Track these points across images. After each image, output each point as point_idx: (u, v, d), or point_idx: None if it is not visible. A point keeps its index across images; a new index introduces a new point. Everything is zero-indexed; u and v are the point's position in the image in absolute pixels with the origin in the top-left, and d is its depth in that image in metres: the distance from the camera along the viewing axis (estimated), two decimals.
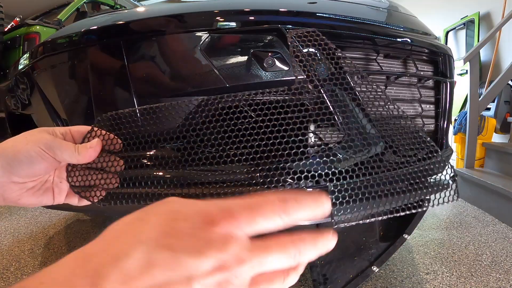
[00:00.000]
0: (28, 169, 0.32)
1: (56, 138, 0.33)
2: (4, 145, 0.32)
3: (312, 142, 0.44)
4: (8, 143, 0.32)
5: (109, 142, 0.35)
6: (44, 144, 0.32)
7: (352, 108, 0.36)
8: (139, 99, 0.70)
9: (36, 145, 0.32)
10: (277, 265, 0.21)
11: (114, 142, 0.36)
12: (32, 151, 0.32)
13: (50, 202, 0.36)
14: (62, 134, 0.35)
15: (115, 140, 0.36)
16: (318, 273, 0.92)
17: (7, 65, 2.71)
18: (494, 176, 1.95)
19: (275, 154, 0.31)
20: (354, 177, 0.28)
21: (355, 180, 0.28)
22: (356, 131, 0.34)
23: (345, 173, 0.28)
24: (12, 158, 0.31)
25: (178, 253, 0.18)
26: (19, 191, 0.34)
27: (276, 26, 0.65)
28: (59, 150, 0.33)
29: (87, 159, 0.34)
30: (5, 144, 0.32)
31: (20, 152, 0.32)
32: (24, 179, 0.33)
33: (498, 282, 1.11)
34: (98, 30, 0.73)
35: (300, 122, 0.31)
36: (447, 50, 0.91)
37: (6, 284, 1.12)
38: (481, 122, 2.36)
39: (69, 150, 0.33)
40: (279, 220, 0.22)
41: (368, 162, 0.30)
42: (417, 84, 0.85)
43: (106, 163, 0.35)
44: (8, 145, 0.32)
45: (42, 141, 0.32)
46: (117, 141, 0.36)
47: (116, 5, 3.50)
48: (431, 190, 0.31)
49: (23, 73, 0.97)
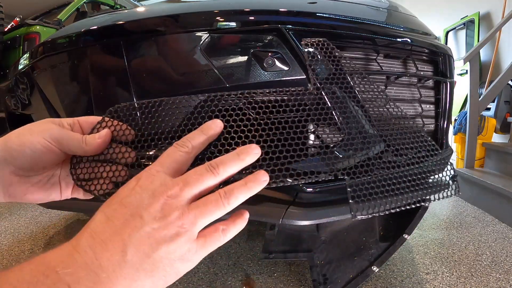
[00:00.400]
0: (33, 162, 0.31)
1: (63, 129, 0.32)
2: (8, 136, 0.30)
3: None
4: (12, 134, 0.31)
5: (120, 133, 0.34)
6: (49, 135, 0.30)
7: (354, 109, 0.36)
8: (139, 99, 0.70)
9: (41, 136, 0.30)
10: (208, 184, 0.27)
11: (127, 132, 0.34)
12: (37, 142, 0.30)
13: (57, 197, 0.34)
14: (70, 124, 0.33)
15: (128, 130, 0.34)
16: (318, 273, 0.92)
17: (7, 65, 2.71)
18: (494, 176, 1.95)
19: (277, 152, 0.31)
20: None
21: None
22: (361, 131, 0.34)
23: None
24: (16, 150, 0.30)
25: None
26: (25, 186, 0.32)
27: (276, 26, 0.65)
28: (66, 141, 0.31)
29: (95, 151, 0.32)
30: (9, 135, 0.30)
31: (24, 144, 0.30)
32: (29, 173, 0.32)
33: (498, 282, 1.11)
34: (98, 30, 0.73)
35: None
36: (447, 50, 0.90)
37: None
38: (481, 122, 2.36)
39: (76, 140, 0.31)
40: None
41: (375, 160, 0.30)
42: (417, 84, 0.85)
43: (116, 155, 0.33)
44: (12, 136, 0.30)
45: (48, 132, 0.31)
46: (130, 132, 0.34)
47: (116, 5, 3.50)
48: (433, 190, 0.31)
49: (23, 73, 0.97)
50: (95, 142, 0.32)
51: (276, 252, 1.04)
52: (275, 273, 1.18)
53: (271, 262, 1.25)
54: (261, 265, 1.24)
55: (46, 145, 0.30)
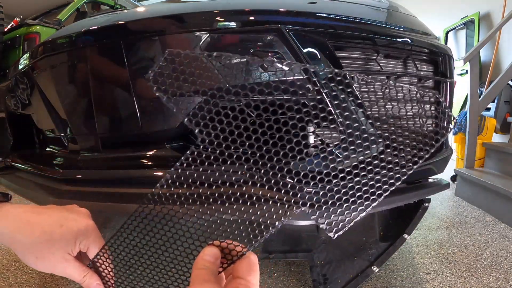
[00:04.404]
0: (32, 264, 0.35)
1: (69, 264, 0.36)
2: (24, 239, 0.34)
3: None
4: (27, 238, 0.34)
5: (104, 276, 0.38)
6: (53, 267, 0.35)
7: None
8: (139, 99, 0.70)
9: (45, 266, 0.35)
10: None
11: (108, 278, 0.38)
12: (40, 266, 0.35)
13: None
14: (81, 249, 0.37)
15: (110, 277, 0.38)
16: (318, 273, 0.92)
17: (7, 65, 2.71)
18: (494, 176, 1.95)
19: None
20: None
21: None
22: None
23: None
24: (23, 255, 0.35)
25: None
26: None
27: (276, 26, 0.65)
28: (69, 275, 0.36)
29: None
30: (24, 238, 0.34)
31: (30, 258, 0.35)
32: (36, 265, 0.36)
33: (498, 282, 1.11)
34: (98, 30, 0.73)
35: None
36: (447, 50, 0.90)
37: (6, 284, 1.12)
38: (481, 122, 2.36)
39: (78, 279, 0.36)
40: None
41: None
42: (417, 84, 0.85)
43: None
44: (26, 241, 0.34)
45: (53, 268, 0.35)
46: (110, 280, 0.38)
47: (116, 5, 3.49)
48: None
49: (23, 73, 0.97)
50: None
51: (276, 252, 1.04)
52: (275, 273, 1.18)
53: (271, 262, 1.25)
54: (261, 265, 1.24)
55: (47, 269, 0.36)
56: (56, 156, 1.03)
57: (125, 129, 0.74)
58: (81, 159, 0.81)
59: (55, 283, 1.12)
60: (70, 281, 1.13)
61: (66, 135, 0.91)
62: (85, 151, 0.81)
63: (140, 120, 0.70)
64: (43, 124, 1.09)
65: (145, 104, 0.70)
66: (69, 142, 0.92)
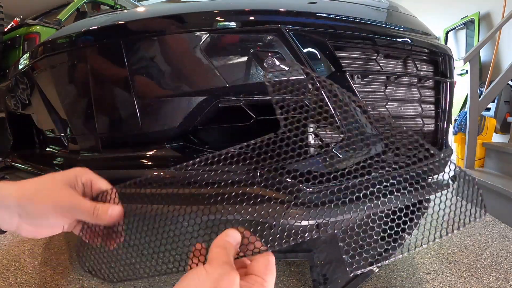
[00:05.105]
0: (43, 223, 0.34)
1: (75, 198, 0.34)
2: (27, 192, 0.34)
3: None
4: (30, 189, 0.34)
5: None
6: (61, 207, 0.34)
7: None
8: (139, 99, 0.70)
9: (53, 208, 0.34)
10: None
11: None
12: (50, 214, 0.33)
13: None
14: (84, 184, 0.36)
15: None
16: (318, 273, 0.92)
17: (7, 65, 2.71)
18: (494, 176, 1.94)
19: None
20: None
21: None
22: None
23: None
24: (31, 210, 0.33)
25: None
26: (26, 227, 0.35)
27: (276, 26, 0.65)
28: (77, 213, 0.34)
29: (105, 224, 0.35)
30: (28, 191, 0.34)
31: (38, 209, 0.33)
32: (37, 228, 0.35)
33: (498, 282, 1.11)
34: (98, 30, 0.73)
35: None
36: (447, 50, 0.90)
37: (6, 284, 1.12)
38: (481, 122, 2.36)
39: (87, 213, 0.34)
40: None
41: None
42: (417, 84, 0.85)
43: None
44: (30, 192, 0.34)
45: (61, 204, 0.34)
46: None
47: (116, 5, 3.49)
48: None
49: (23, 73, 0.97)
50: (106, 218, 0.35)
51: (276, 252, 1.04)
52: None
53: None
54: None
55: (58, 217, 0.34)
56: (56, 156, 1.03)
57: (125, 129, 0.74)
58: (81, 159, 0.81)
59: (55, 283, 1.12)
60: (70, 281, 1.13)
61: (66, 135, 0.91)
62: (85, 151, 0.81)
63: (140, 120, 0.70)
64: (43, 124, 1.09)
65: (145, 104, 0.70)
66: (69, 142, 0.92)
